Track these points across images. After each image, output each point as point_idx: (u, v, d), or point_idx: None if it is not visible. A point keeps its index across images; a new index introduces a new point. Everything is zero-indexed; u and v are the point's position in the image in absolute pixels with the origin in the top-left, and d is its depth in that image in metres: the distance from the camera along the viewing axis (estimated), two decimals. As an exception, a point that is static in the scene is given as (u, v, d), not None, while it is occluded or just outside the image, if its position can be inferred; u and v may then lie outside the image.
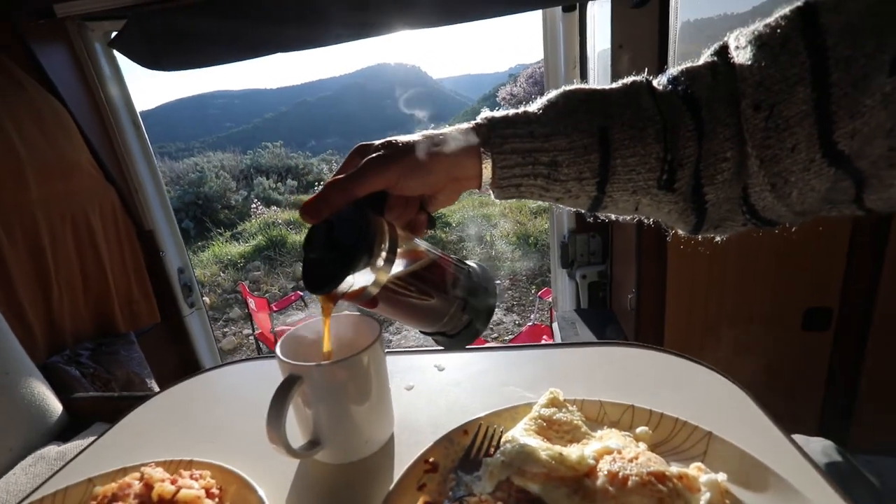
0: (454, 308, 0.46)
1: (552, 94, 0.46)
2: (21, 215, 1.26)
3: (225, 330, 4.89)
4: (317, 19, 1.31)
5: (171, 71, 1.43)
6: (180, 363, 1.94)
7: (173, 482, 0.41)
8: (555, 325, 1.93)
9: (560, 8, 1.73)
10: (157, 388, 1.55)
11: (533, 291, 4.84)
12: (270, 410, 0.40)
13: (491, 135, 0.44)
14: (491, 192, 0.47)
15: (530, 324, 3.37)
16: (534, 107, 0.46)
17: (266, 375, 0.69)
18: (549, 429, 0.47)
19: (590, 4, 1.74)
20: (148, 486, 0.40)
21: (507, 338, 3.75)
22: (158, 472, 0.42)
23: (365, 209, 0.40)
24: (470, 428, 0.48)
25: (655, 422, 0.47)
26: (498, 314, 4.36)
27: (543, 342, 2.20)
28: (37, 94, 1.34)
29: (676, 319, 1.39)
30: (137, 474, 0.43)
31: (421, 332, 0.49)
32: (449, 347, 0.49)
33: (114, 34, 1.47)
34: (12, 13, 1.32)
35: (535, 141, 0.43)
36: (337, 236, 0.40)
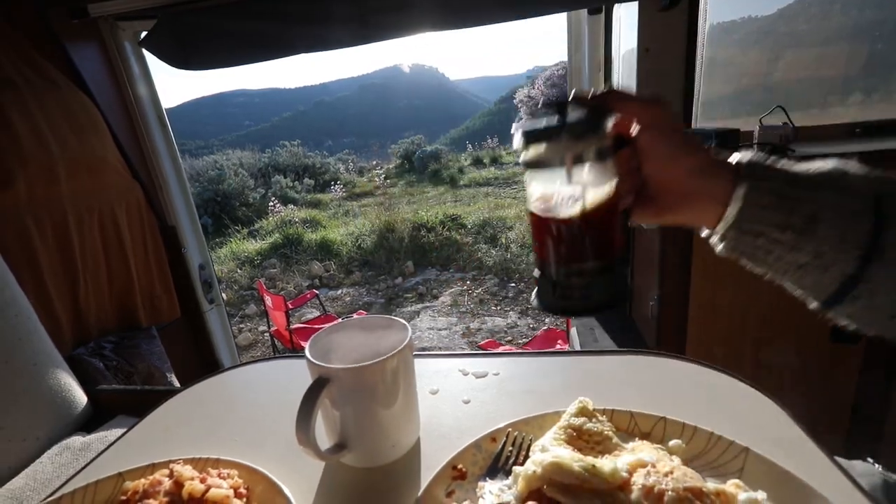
0: (588, 271, 0.43)
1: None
2: (51, 210, 1.29)
3: (241, 326, 4.95)
4: (343, 20, 1.32)
5: (199, 70, 1.46)
6: (199, 359, 1.96)
7: (202, 481, 0.41)
8: (573, 331, 1.90)
9: (586, 10, 1.71)
10: (176, 383, 1.57)
11: (548, 295, 4.80)
12: (300, 412, 0.40)
13: (749, 170, 0.40)
14: (720, 240, 0.43)
15: (545, 328, 3.34)
16: (800, 166, 0.41)
17: (289, 375, 0.69)
18: (579, 439, 0.46)
19: (616, 7, 1.72)
20: (178, 484, 0.40)
21: (521, 341, 3.72)
22: (188, 470, 0.42)
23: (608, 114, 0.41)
24: (498, 435, 0.47)
25: (689, 435, 0.46)
26: (512, 317, 4.34)
27: (569, 349, 2.18)
28: (69, 92, 1.37)
29: (699, 328, 1.36)
30: (166, 471, 0.44)
31: (538, 266, 0.46)
32: (540, 299, 0.46)
33: (143, 34, 1.50)
34: (48, 13, 1.36)
35: (798, 188, 0.38)
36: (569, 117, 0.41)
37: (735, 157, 0.41)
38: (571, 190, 0.41)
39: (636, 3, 1.51)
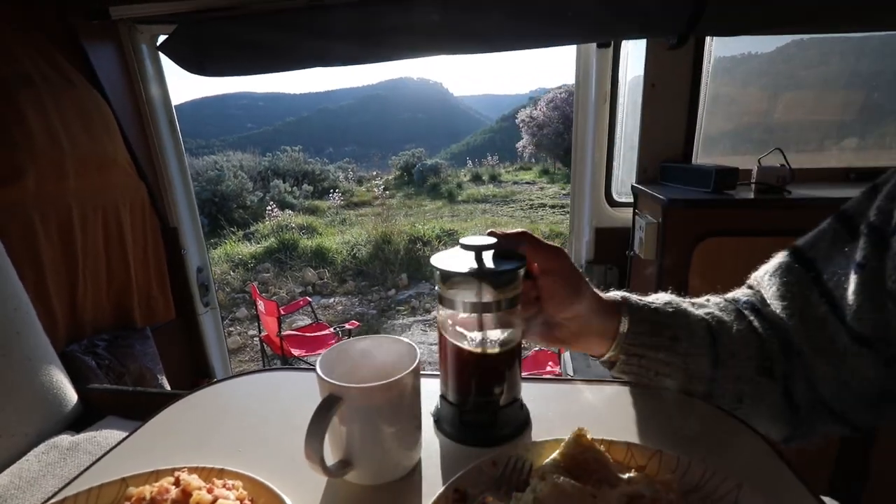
0: (497, 397, 0.50)
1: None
2: (58, 207, 1.29)
3: (230, 329, 4.91)
4: (361, 38, 1.35)
5: (215, 77, 1.48)
6: (190, 361, 1.95)
7: (209, 491, 0.41)
8: (566, 355, 1.91)
9: (595, 44, 1.77)
10: (167, 385, 1.56)
11: (540, 316, 4.80)
12: (310, 429, 0.41)
13: (627, 307, 0.54)
14: (610, 365, 0.57)
15: (536, 349, 3.34)
16: (649, 299, 0.58)
17: (292, 388, 0.70)
18: (578, 467, 0.47)
19: (624, 41, 1.77)
20: (185, 493, 0.41)
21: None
22: (195, 480, 0.42)
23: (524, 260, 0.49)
24: (499, 460, 0.48)
25: (683, 469, 0.47)
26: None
27: (562, 375, 2.18)
28: (84, 91, 1.38)
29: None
30: (171, 478, 0.44)
31: (441, 390, 0.54)
32: (440, 424, 0.54)
33: (161, 38, 1.52)
34: (70, 13, 1.38)
35: (661, 316, 0.54)
36: (489, 257, 0.49)
37: (612, 296, 0.55)
38: (480, 331, 0.48)
39: (643, 40, 1.56)
